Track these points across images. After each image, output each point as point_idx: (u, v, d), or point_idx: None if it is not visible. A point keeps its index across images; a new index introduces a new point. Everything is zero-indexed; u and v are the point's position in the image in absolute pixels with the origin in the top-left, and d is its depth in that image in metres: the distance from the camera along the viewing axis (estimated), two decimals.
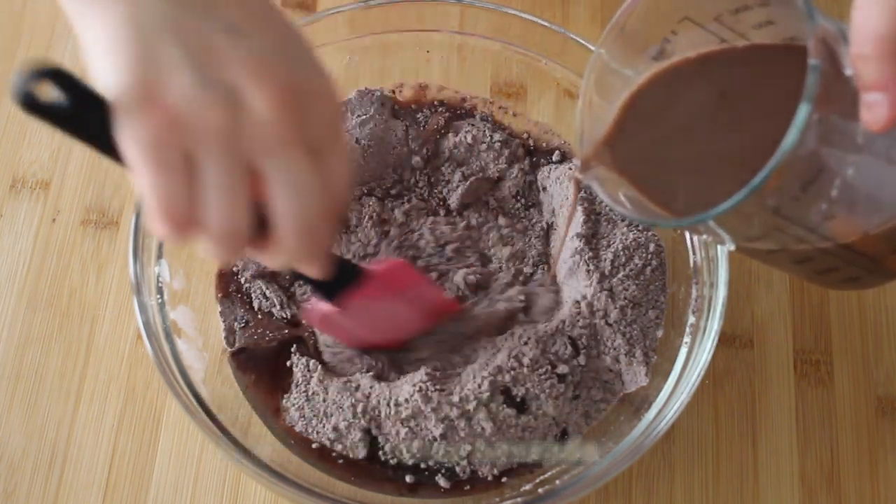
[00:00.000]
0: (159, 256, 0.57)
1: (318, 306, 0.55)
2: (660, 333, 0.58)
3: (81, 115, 0.37)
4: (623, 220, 0.61)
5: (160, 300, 0.56)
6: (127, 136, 0.36)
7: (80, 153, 0.70)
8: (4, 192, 0.68)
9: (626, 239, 0.60)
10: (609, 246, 0.60)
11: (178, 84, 0.36)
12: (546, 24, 0.62)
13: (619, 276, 0.59)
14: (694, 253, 0.58)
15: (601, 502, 0.61)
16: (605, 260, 0.59)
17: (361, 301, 0.53)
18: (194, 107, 0.36)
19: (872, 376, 0.65)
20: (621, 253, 0.59)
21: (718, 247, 0.55)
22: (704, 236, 0.56)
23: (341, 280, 0.52)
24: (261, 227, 0.40)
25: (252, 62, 0.37)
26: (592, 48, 0.60)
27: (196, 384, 0.54)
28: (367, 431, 0.56)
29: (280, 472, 0.52)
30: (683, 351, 0.55)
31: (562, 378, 0.56)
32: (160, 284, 0.56)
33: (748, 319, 0.66)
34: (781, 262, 0.46)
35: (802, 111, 0.35)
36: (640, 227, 0.60)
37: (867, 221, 0.41)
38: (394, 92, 0.67)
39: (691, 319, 0.56)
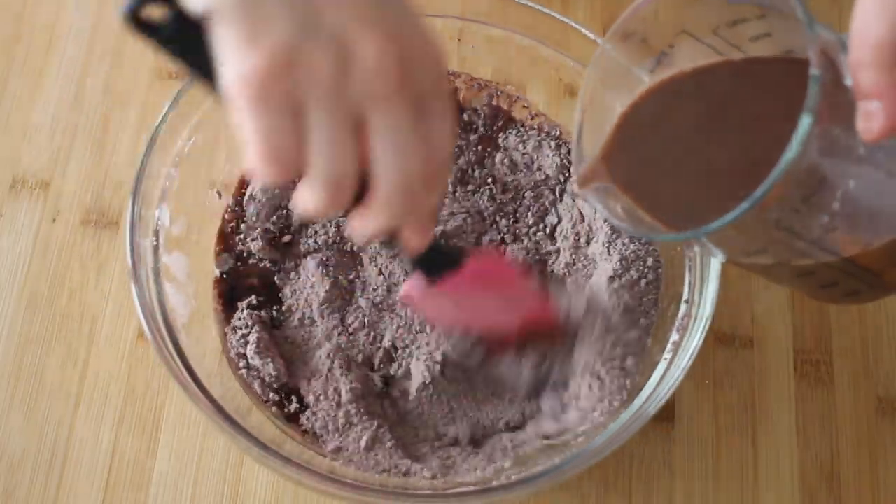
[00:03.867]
0: (162, 201, 0.58)
1: (414, 285, 0.54)
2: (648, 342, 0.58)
3: (185, 39, 0.37)
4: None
5: (155, 242, 0.56)
6: (227, 68, 0.36)
7: (80, 153, 0.70)
8: (4, 192, 0.68)
9: (625, 250, 0.60)
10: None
11: (282, 29, 0.35)
12: (548, 11, 0.62)
13: (615, 285, 0.59)
14: (690, 272, 0.58)
15: (601, 502, 0.61)
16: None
17: (457, 287, 0.53)
18: (300, 53, 0.35)
19: (872, 376, 0.65)
20: (618, 263, 0.60)
21: (711, 266, 0.55)
22: (696, 249, 0.55)
23: (439, 261, 0.52)
24: (363, 189, 0.40)
25: (358, 9, 0.37)
26: (592, 37, 0.60)
27: (177, 329, 0.54)
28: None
29: (255, 436, 0.51)
30: (662, 366, 0.55)
31: None
32: (157, 227, 0.57)
33: (748, 319, 0.66)
34: (782, 277, 0.46)
35: (804, 122, 0.35)
36: (641, 241, 0.60)
37: (869, 234, 0.41)
38: None
39: (674, 337, 0.56)
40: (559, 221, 0.64)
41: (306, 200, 0.39)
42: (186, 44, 0.37)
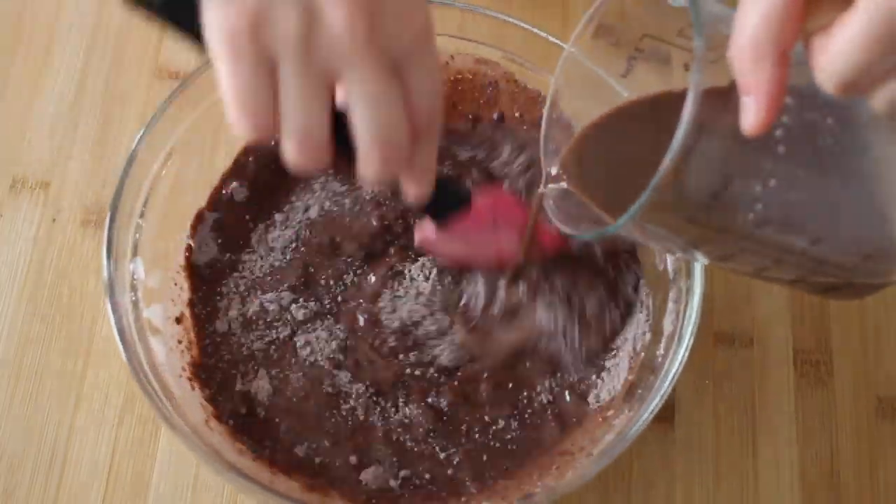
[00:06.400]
0: (134, 254, 0.57)
1: (426, 229, 0.55)
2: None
3: (175, 6, 0.41)
4: None
5: (134, 298, 0.56)
6: (209, 25, 0.39)
7: (80, 153, 0.69)
8: (4, 192, 0.68)
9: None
10: None
11: None
12: (547, 35, 0.61)
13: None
14: (670, 263, 0.58)
15: (601, 502, 0.61)
16: None
17: (465, 226, 0.54)
18: (272, 10, 0.38)
19: (872, 376, 0.65)
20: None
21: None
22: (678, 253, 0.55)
23: (445, 205, 0.53)
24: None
25: None
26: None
27: (169, 383, 0.54)
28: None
29: (251, 476, 0.51)
30: (659, 359, 0.55)
31: None
32: (134, 281, 0.56)
33: (748, 319, 0.66)
34: (748, 272, 0.45)
35: (686, 109, 0.34)
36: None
37: (818, 233, 0.40)
38: None
39: (669, 328, 0.56)
40: None
41: (285, 155, 0.41)
42: (176, 11, 0.41)
